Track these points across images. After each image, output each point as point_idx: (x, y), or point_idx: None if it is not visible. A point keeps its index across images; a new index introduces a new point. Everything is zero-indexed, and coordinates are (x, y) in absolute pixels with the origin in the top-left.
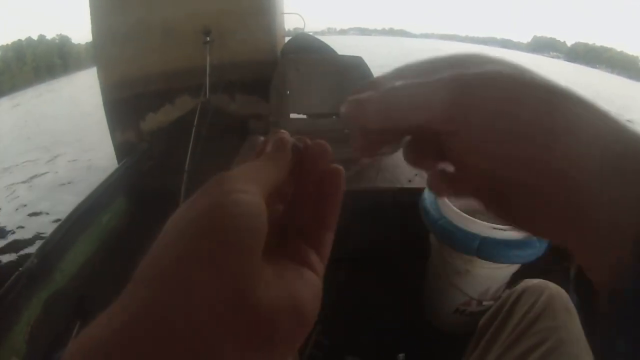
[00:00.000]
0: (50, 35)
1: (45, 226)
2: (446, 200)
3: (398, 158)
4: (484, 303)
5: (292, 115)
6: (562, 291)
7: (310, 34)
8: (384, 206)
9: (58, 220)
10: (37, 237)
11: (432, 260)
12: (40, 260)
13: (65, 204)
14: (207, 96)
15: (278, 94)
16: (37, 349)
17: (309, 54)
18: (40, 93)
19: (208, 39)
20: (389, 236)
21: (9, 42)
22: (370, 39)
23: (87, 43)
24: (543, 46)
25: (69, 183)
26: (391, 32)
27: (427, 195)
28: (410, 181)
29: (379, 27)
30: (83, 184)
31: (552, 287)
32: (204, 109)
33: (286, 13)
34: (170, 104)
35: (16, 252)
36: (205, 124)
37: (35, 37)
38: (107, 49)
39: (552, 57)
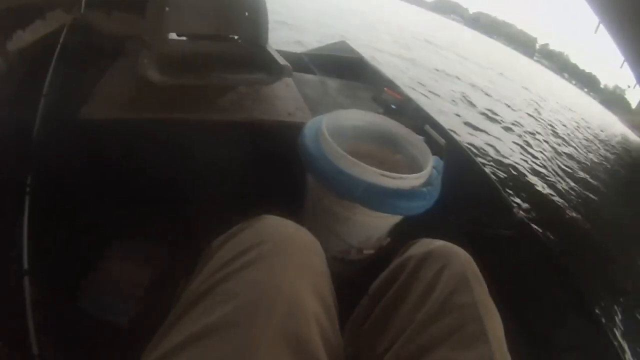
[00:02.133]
0: None
1: None
2: (330, 139)
3: (279, 89)
4: (365, 252)
5: (171, 36)
6: (469, 257)
7: None
8: (260, 140)
9: None
10: None
11: (309, 203)
12: None
13: None
14: (82, 11)
15: (155, 10)
16: None
17: None
18: None
19: None
20: (264, 172)
21: None
22: None
23: None
24: (446, 8)
25: None
26: None
27: (308, 131)
28: (290, 114)
29: None
30: None
31: (460, 252)
32: (75, 25)
33: None
34: (41, 19)
35: None
36: (73, 42)
37: None
38: None
39: (453, 20)
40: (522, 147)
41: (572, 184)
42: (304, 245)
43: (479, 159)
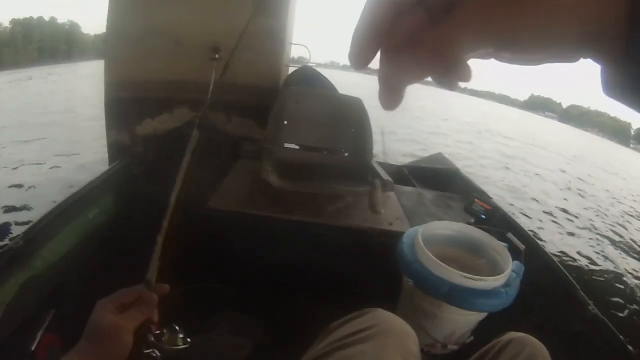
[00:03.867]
0: (61, 19)
1: None
2: (423, 246)
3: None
4: (449, 347)
5: (286, 145)
6: (544, 347)
7: (314, 65)
8: (363, 244)
9: None
10: None
11: (403, 302)
12: (25, 243)
13: None
14: (207, 112)
15: (276, 122)
16: (7, 331)
17: (311, 88)
18: (41, 75)
19: (217, 56)
20: (365, 272)
21: (21, 17)
22: (372, 78)
23: (95, 35)
24: (539, 105)
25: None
26: None
27: (406, 240)
28: (391, 224)
29: None
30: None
31: (536, 342)
32: (202, 124)
33: (294, 44)
34: (169, 113)
35: None
36: (201, 138)
37: (47, 18)
38: (119, 47)
39: (547, 117)
40: None
41: None
42: (402, 332)
43: None
